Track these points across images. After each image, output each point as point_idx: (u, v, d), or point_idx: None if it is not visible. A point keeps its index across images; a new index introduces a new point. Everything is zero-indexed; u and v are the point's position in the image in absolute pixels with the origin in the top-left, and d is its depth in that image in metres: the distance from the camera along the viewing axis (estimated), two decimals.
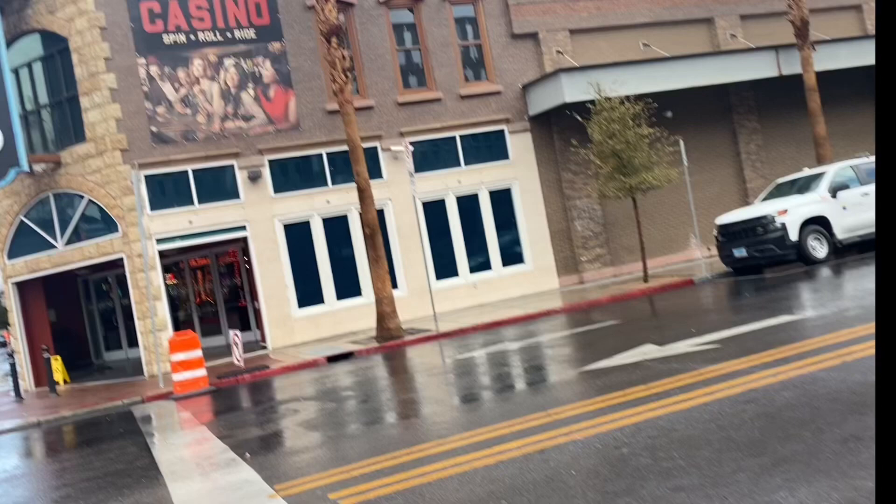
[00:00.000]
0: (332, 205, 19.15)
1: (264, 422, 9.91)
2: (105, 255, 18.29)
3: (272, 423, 9.70)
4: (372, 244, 16.93)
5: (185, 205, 18.16)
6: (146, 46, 18.06)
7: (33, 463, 10.92)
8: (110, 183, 17.81)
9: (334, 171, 19.27)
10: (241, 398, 12.80)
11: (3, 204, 19.65)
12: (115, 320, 24.29)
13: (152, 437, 10.24)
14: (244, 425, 9.84)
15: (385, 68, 19.84)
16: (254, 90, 18.75)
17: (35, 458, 11.29)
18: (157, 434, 10.69)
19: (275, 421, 9.87)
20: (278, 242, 18.70)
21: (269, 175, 18.73)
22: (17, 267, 19.64)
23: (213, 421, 10.77)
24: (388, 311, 16.77)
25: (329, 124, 19.13)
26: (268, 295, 18.52)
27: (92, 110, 17.92)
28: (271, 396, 12.40)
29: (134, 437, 10.39)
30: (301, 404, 10.58)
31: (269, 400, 12.06)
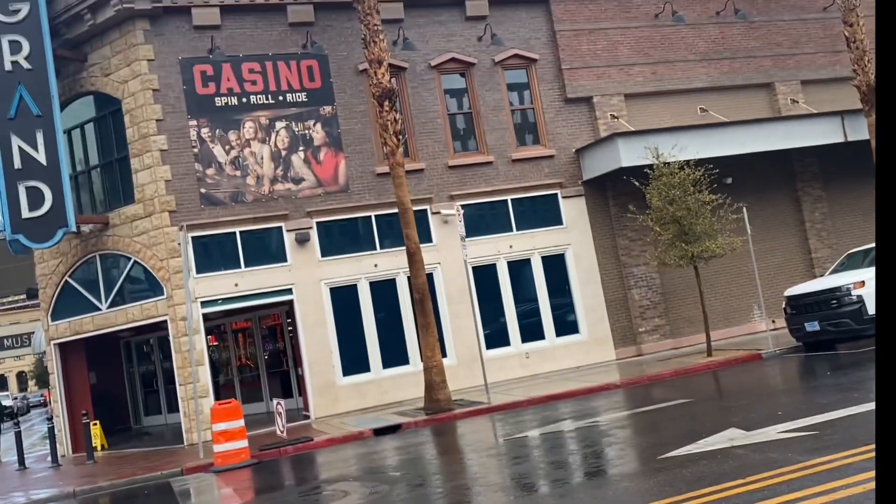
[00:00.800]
0: (380, 269, 18.65)
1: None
2: (149, 318, 17.93)
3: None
4: (421, 310, 16.31)
5: (231, 267, 17.80)
6: (198, 108, 18.01)
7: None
8: (157, 244, 17.56)
9: (382, 234, 18.83)
10: (285, 474, 12.07)
11: (50, 264, 19.53)
12: (156, 384, 23.87)
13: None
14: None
15: (436, 131, 19.54)
16: (304, 153, 18.53)
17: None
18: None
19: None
20: (324, 306, 18.18)
21: (316, 238, 18.35)
22: (60, 328, 19.38)
23: (255, 501, 10.04)
24: (438, 381, 16.02)
25: (378, 187, 18.78)
26: (312, 361, 17.92)
27: (142, 171, 17.82)
28: (316, 473, 11.65)
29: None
30: (350, 485, 9.81)
31: (314, 478, 11.32)
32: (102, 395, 21.32)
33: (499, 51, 20.16)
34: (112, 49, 18.24)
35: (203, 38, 18.11)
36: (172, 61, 17.94)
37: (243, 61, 18.35)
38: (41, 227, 17.46)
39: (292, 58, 18.69)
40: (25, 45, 17.59)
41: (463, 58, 19.96)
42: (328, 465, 12.08)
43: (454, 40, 19.99)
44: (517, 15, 20.66)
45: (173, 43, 18.01)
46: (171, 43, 18.00)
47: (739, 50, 22.62)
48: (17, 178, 17.34)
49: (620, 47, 21.36)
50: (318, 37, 18.81)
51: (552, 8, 20.85)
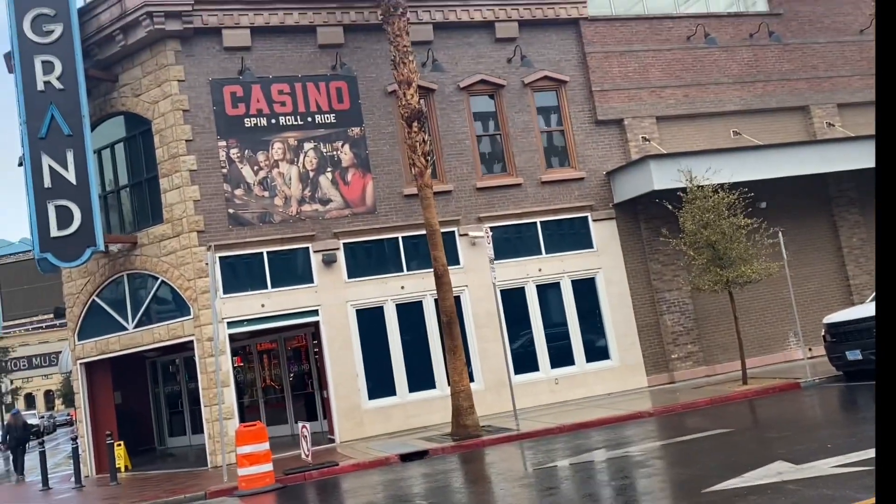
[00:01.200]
0: (407, 291, 18.42)
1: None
2: (175, 338, 17.82)
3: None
4: (449, 333, 16.03)
5: (258, 288, 17.67)
6: (227, 129, 18.00)
7: None
8: (185, 264, 17.49)
9: (409, 256, 18.62)
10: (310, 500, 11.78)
11: (77, 283, 19.53)
12: (181, 405, 23.75)
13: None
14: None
15: (464, 153, 19.36)
16: (332, 174, 18.43)
17: None
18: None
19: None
20: (350, 329, 17.96)
21: (343, 259, 18.18)
22: (86, 348, 19.33)
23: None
24: (466, 407, 15.70)
25: (406, 209, 18.60)
26: (337, 384, 17.67)
27: (170, 191, 17.80)
28: (342, 500, 11.35)
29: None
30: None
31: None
32: (127, 416, 21.23)
33: (528, 72, 19.99)
34: (143, 70, 18.33)
35: (233, 60, 18.14)
36: (203, 82, 17.98)
37: (273, 82, 18.35)
38: (70, 246, 17.46)
39: (321, 79, 18.67)
40: (58, 66, 17.71)
41: (492, 79, 19.82)
42: (354, 492, 11.78)
43: (483, 62, 19.87)
44: (547, 37, 20.52)
45: (204, 64, 18.06)
46: (201, 64, 18.05)
47: (773, 73, 22.27)
48: (47, 197, 17.38)
49: (652, 69, 21.11)
50: (348, 58, 18.78)
51: (582, 30, 20.69)
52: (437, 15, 19.47)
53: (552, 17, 20.43)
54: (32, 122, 17.55)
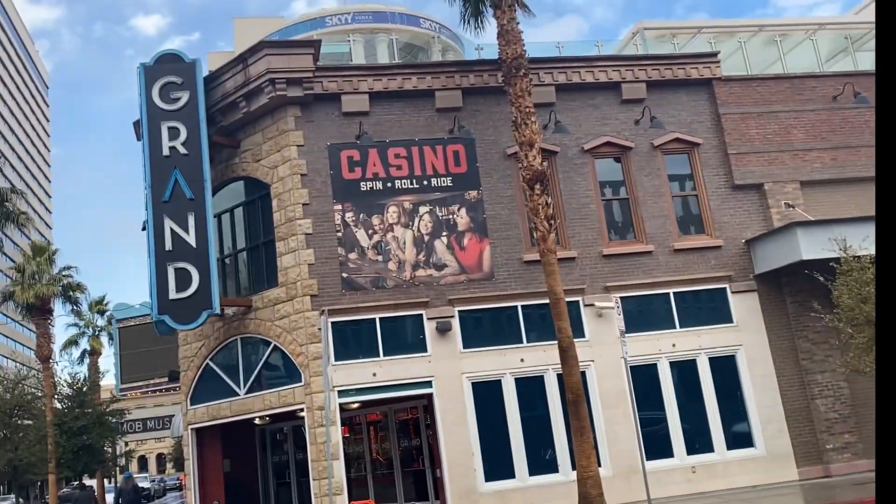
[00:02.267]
0: (527, 364, 17.23)
1: None
2: (286, 406, 17.23)
3: None
4: (575, 412, 14.69)
5: (369, 356, 16.93)
6: (343, 193, 17.67)
7: None
8: (297, 329, 16.99)
9: (529, 326, 17.50)
10: None
11: (192, 346, 19.39)
12: (288, 475, 23.04)
13: None
14: None
15: (589, 218, 18.27)
16: (447, 238, 17.71)
17: None
18: None
19: None
20: (465, 403, 16.87)
21: (458, 328, 17.25)
22: (198, 413, 19.02)
23: None
24: (594, 495, 14.22)
25: (526, 276, 17.59)
26: (451, 462, 16.51)
27: (286, 255, 17.50)
28: None
29: None
30: None
31: None
32: (235, 484, 20.67)
33: (658, 134, 18.88)
34: (264, 135, 18.37)
35: (351, 124, 17.93)
36: (321, 147, 17.81)
37: (390, 146, 17.99)
38: (187, 309, 17.32)
39: (438, 142, 18.18)
40: (183, 132, 17.95)
41: (619, 141, 18.81)
42: None
43: (609, 123, 18.92)
44: (677, 98, 19.42)
45: (322, 129, 17.93)
46: (320, 129, 17.93)
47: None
48: (167, 260, 17.40)
49: (794, 131, 19.58)
50: (466, 121, 18.26)
51: (716, 90, 19.49)
52: (559, 76, 18.77)
53: (683, 78, 19.36)
54: (157, 187, 17.77)
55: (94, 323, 45.84)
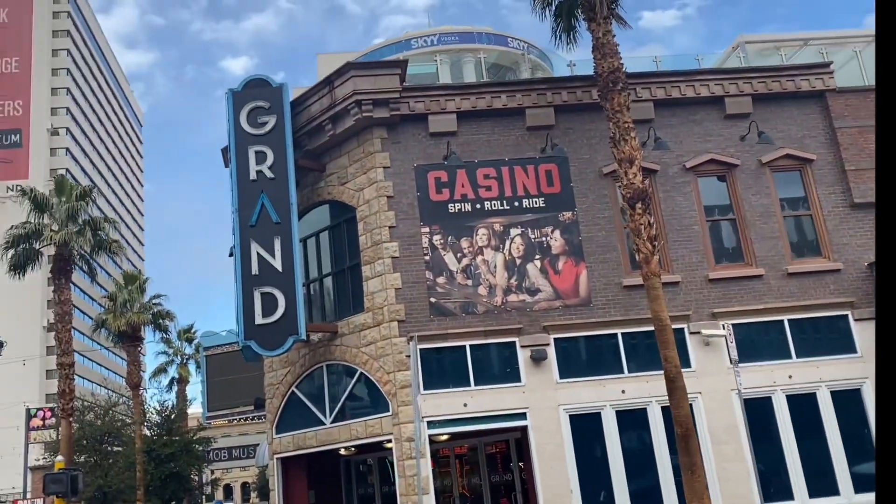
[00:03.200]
0: (628, 396, 16.10)
1: None
2: (372, 437, 16.57)
3: None
4: (685, 448, 13.52)
5: (459, 385, 16.15)
6: (430, 215, 17.08)
7: None
8: (385, 356, 16.37)
9: (630, 355, 16.41)
10: None
11: (278, 374, 19.01)
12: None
13: None
14: None
15: (692, 240, 17.12)
16: (541, 261, 16.84)
17: None
18: None
19: None
20: (563, 436, 15.84)
21: (554, 356, 16.29)
22: (283, 442, 18.56)
23: None
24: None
25: (625, 301, 16.54)
26: (548, 500, 15.47)
27: (372, 279, 16.97)
28: None
29: None
30: None
31: None
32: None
33: (766, 151, 17.62)
34: (350, 158, 18.01)
35: (438, 145, 17.39)
36: (408, 168, 17.31)
37: (478, 167, 17.34)
38: (272, 335, 16.98)
39: (530, 162, 17.42)
40: (270, 156, 17.78)
41: (723, 158, 17.64)
42: None
43: (712, 140, 17.80)
44: (786, 111, 18.14)
45: (409, 150, 17.45)
46: (406, 150, 17.45)
47: None
48: (254, 284, 17.14)
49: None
50: (559, 140, 17.46)
51: (829, 103, 18.14)
52: (658, 91, 17.80)
53: (792, 91, 18.09)
54: (244, 211, 17.59)
55: (183, 351, 46.65)
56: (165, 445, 30.93)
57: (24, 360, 62.59)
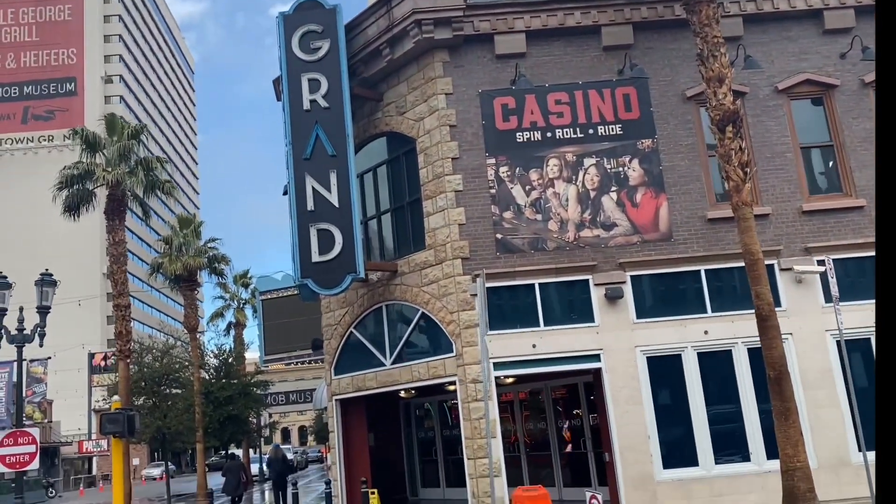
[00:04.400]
0: (711, 337, 14.93)
1: None
2: (435, 378, 15.75)
3: None
4: (778, 392, 12.35)
5: (528, 325, 15.16)
6: (497, 145, 15.90)
7: None
8: (447, 295, 15.44)
9: (714, 294, 15.18)
10: None
11: (336, 314, 18.30)
12: (434, 453, 21.77)
13: None
14: None
15: (784, 169, 15.65)
16: (617, 194, 15.59)
17: None
18: None
19: None
20: (640, 380, 14.80)
21: (630, 295, 15.16)
22: (342, 383, 17.93)
23: None
24: (803, 490, 11.90)
25: (709, 236, 15.25)
26: (624, 446, 14.51)
27: (434, 215, 15.96)
28: None
29: None
30: None
31: None
32: (380, 460, 19.55)
33: (870, 69, 15.92)
34: (408, 85, 16.88)
35: (505, 68, 16.12)
36: (471, 94, 16.11)
37: (549, 92, 16.03)
38: (330, 273, 16.19)
39: (605, 85, 16.04)
40: (324, 84, 16.76)
41: (821, 79, 16.01)
42: None
43: (808, 59, 16.14)
44: None
45: (473, 74, 16.22)
46: (470, 75, 16.22)
47: None
48: (309, 220, 16.32)
49: None
50: (637, 60, 16.01)
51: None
52: (747, 5, 16.15)
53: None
54: (298, 144, 16.69)
55: (239, 296, 46.69)
56: (223, 388, 30.89)
57: (80, 300, 63.79)
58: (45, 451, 64.30)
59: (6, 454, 16.81)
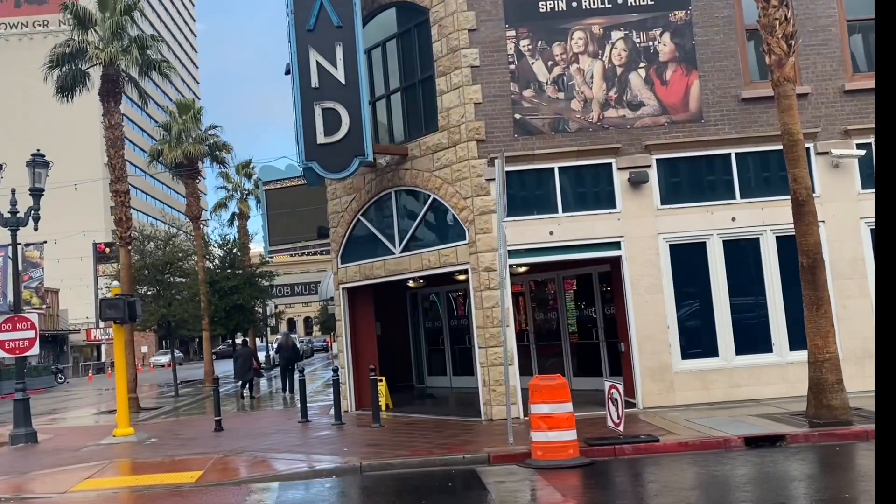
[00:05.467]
0: (739, 224, 14.22)
1: None
2: (446, 267, 15.15)
3: None
4: (811, 281, 11.73)
5: (546, 212, 14.42)
6: (517, 16, 14.73)
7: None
8: (461, 180, 14.64)
9: (744, 179, 14.37)
10: (641, 492, 8.35)
11: (342, 201, 17.55)
12: (441, 342, 21.54)
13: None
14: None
15: (828, 45, 14.52)
16: (645, 71, 14.54)
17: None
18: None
19: None
20: (661, 268, 14.19)
21: (656, 179, 14.35)
22: (349, 272, 17.38)
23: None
24: (832, 381, 11.45)
25: (742, 117, 14.31)
26: (642, 336, 14.05)
27: (448, 93, 14.95)
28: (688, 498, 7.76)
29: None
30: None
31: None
32: (386, 349, 19.28)
33: None
34: None
35: None
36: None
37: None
38: (336, 156, 15.31)
39: None
40: None
41: None
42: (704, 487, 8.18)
43: None
44: None
45: None
46: None
47: None
48: (314, 98, 15.28)
49: None
50: None
51: None
52: None
53: None
54: (300, 13, 15.45)
55: (242, 186, 45.90)
56: (228, 279, 30.57)
57: (77, 184, 63.00)
58: (55, 339, 65.21)
59: (5, 339, 16.49)
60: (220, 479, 10.27)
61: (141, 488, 10.05)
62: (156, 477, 10.70)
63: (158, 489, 9.94)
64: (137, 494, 9.80)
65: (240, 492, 9.57)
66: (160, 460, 12.28)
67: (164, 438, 15.30)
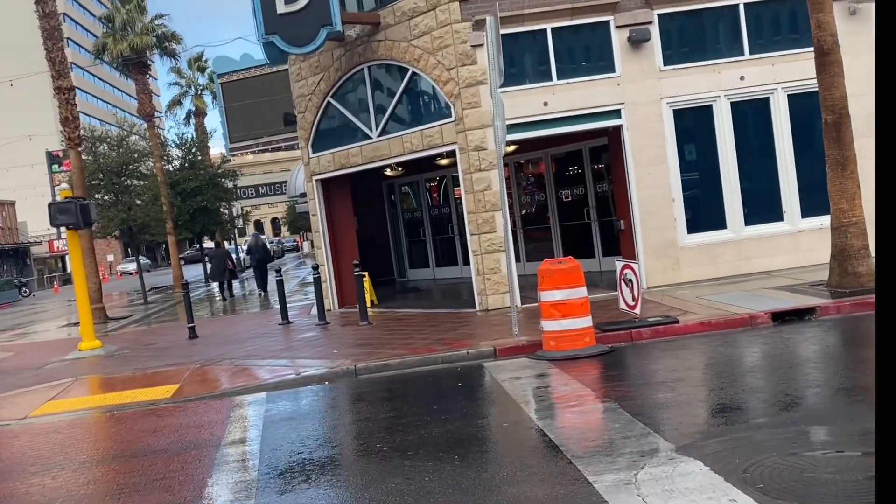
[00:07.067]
0: (748, 83, 13.01)
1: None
2: (431, 148, 13.83)
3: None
4: (836, 140, 10.70)
5: (539, 80, 13.06)
6: None
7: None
8: (443, 48, 13.13)
9: (754, 32, 13.06)
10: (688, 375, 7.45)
11: (309, 82, 15.95)
12: (423, 233, 20.44)
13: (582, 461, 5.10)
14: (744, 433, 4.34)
15: None
16: None
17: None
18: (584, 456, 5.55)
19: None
20: (665, 136, 13.03)
21: (657, 37, 12.98)
22: (322, 161, 15.99)
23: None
24: (857, 247, 10.61)
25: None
26: (645, 211, 13.03)
27: None
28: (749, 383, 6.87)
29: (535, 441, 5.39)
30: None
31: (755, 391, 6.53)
32: (365, 243, 18.17)
33: None
34: None
35: None
36: None
37: None
38: (300, 27, 13.71)
39: None
40: None
41: None
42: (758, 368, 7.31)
43: None
44: None
45: None
46: None
47: None
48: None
49: None
50: None
51: None
52: None
53: None
54: None
55: (196, 81, 43.27)
56: (189, 180, 28.85)
57: (11, 80, 59.42)
58: (16, 252, 63.08)
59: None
60: (199, 393, 9.24)
61: (110, 408, 8.98)
62: (126, 394, 9.63)
63: (130, 408, 8.89)
64: (107, 416, 8.73)
65: (222, 406, 8.55)
66: (131, 374, 11.21)
67: (135, 349, 14.21)
